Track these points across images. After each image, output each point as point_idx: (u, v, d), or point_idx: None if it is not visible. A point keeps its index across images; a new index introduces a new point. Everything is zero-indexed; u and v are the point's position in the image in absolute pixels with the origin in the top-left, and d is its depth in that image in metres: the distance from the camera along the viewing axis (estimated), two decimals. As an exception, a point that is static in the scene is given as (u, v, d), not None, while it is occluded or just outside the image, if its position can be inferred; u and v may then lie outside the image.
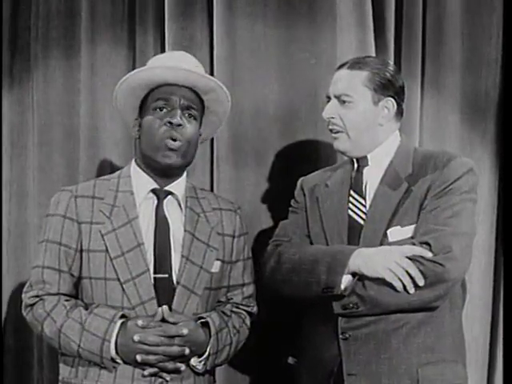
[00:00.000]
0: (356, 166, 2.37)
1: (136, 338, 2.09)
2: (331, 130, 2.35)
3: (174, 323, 2.13)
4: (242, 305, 2.36)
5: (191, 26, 2.90)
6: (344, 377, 2.19)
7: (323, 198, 2.38)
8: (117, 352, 2.12)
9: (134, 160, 2.33)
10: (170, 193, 2.28)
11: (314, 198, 2.40)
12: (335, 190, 2.37)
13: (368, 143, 2.34)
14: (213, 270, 2.27)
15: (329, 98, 2.35)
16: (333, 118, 2.32)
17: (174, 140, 2.20)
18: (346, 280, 2.18)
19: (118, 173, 2.34)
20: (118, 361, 2.13)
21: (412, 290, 2.13)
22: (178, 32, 2.89)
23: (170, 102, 2.23)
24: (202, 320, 2.21)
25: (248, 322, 2.36)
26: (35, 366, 3.03)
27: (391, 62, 2.53)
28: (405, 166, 2.31)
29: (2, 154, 3.04)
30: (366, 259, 2.17)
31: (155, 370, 2.13)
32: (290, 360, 2.42)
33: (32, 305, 2.20)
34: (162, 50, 2.94)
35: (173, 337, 2.12)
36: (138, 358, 2.10)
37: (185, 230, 2.25)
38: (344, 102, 2.31)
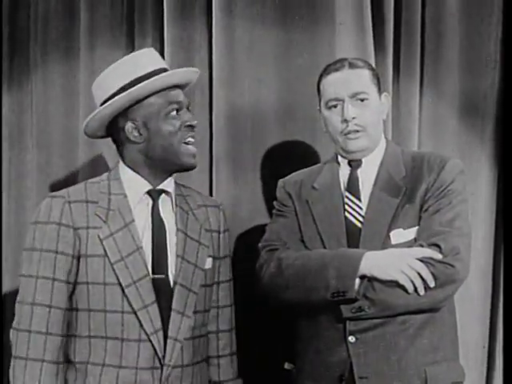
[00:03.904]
0: (348, 167, 2.37)
1: None
2: (350, 132, 2.30)
3: None
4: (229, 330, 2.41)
5: (190, 28, 2.91)
6: (355, 380, 2.20)
7: (314, 200, 2.37)
8: None
9: (121, 163, 2.29)
10: (164, 191, 2.28)
11: (303, 200, 2.39)
12: (326, 192, 2.36)
13: (377, 140, 2.36)
14: (206, 267, 2.29)
15: (338, 101, 2.31)
16: (355, 117, 2.29)
17: (192, 143, 2.24)
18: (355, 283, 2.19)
19: (105, 175, 2.31)
20: None
21: (422, 292, 2.14)
22: (177, 34, 2.90)
23: (180, 105, 2.25)
24: None
25: (233, 347, 2.43)
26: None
27: None
28: (397, 168, 2.33)
29: (2, 155, 3.05)
30: (377, 262, 2.17)
31: None
32: (287, 366, 2.42)
33: (16, 330, 2.17)
34: (162, 52, 2.93)
35: None
36: None
37: (177, 229, 2.26)
38: (362, 100, 2.29)
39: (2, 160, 3.05)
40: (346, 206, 2.32)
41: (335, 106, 2.32)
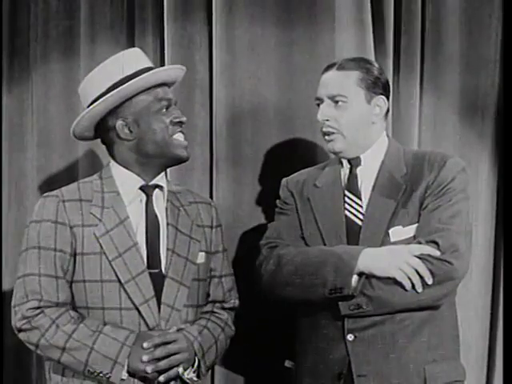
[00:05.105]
0: (348, 166, 2.38)
1: (145, 358, 2.13)
2: (325, 133, 2.35)
3: (172, 341, 2.16)
4: (222, 308, 2.38)
5: (190, 27, 2.91)
6: (354, 378, 2.20)
7: (315, 198, 2.38)
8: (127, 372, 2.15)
9: (112, 161, 2.31)
10: (157, 186, 2.29)
11: (305, 198, 2.40)
12: (327, 191, 2.38)
13: (363, 143, 2.35)
14: (198, 261, 2.30)
15: (320, 101, 2.36)
16: (328, 120, 2.32)
17: (182, 138, 2.27)
18: (353, 280, 2.19)
19: (97, 175, 2.34)
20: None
21: (420, 289, 2.15)
22: (177, 33, 2.90)
23: (170, 102, 2.27)
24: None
25: (231, 321, 2.39)
26: (35, 366, 3.04)
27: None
28: (398, 167, 2.33)
29: (2, 154, 3.05)
30: (375, 259, 2.18)
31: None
32: (287, 363, 2.42)
33: (31, 316, 2.16)
34: (162, 51, 2.96)
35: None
36: (148, 369, 2.13)
37: (168, 224, 2.27)
38: (337, 102, 2.31)
39: (2, 159, 3.05)
40: (346, 205, 2.34)
41: (318, 105, 2.37)
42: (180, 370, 2.16)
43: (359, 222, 2.30)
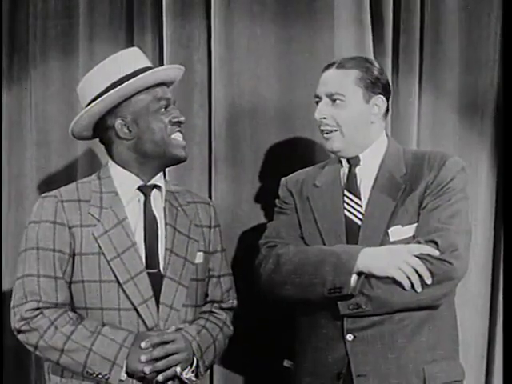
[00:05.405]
0: (347, 165, 2.38)
1: (143, 358, 2.12)
2: (323, 131, 2.35)
3: (170, 341, 2.16)
4: (220, 308, 2.38)
5: (189, 25, 2.92)
6: (353, 378, 2.20)
7: (314, 198, 2.38)
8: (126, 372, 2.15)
9: (110, 161, 2.32)
10: (155, 186, 2.29)
11: (304, 198, 2.40)
12: (327, 190, 2.38)
13: (361, 142, 2.35)
14: (196, 261, 2.30)
15: (318, 99, 2.36)
16: (325, 118, 2.33)
17: (180, 137, 2.27)
18: (352, 280, 2.19)
19: (95, 175, 2.34)
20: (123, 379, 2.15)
21: (419, 289, 2.15)
22: (177, 31, 2.91)
23: (168, 101, 2.28)
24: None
25: (229, 321, 2.39)
26: (34, 366, 3.05)
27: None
28: (397, 167, 2.33)
29: (2, 153, 3.05)
30: (374, 258, 2.18)
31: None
32: (286, 363, 2.42)
33: (30, 317, 2.16)
34: (161, 49, 2.96)
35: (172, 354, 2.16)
36: (147, 370, 2.13)
37: (166, 223, 2.27)
38: (335, 100, 2.32)
39: (2, 159, 3.05)
40: (345, 204, 2.34)
41: (317, 103, 2.37)
42: (178, 369, 2.16)
43: (358, 222, 2.30)
